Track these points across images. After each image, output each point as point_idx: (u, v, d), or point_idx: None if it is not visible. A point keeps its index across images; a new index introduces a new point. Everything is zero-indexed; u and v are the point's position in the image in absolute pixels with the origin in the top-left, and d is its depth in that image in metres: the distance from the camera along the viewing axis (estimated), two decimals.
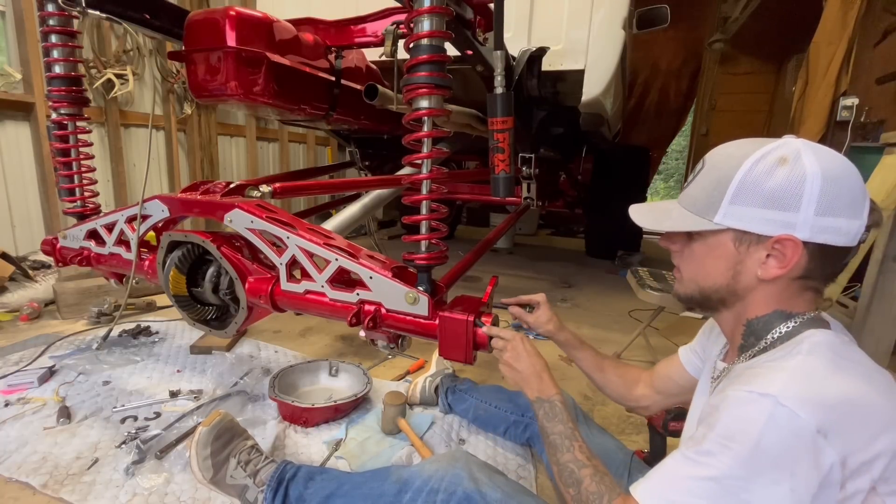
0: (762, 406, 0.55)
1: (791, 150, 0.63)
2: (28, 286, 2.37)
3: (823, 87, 2.38)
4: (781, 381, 0.57)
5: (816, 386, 0.57)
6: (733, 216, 0.65)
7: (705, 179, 0.69)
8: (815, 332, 0.64)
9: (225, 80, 1.37)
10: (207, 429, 1.11)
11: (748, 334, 0.71)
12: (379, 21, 1.71)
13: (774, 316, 0.68)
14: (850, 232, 0.61)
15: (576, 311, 2.82)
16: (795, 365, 0.60)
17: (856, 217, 0.61)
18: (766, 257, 0.64)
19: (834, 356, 0.60)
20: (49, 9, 1.39)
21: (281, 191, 1.28)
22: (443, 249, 1.04)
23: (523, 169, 2.49)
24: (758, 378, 0.59)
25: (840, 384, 0.57)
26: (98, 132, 3.00)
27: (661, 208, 0.77)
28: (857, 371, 0.60)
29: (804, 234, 0.61)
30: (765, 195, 0.62)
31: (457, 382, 1.55)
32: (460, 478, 0.87)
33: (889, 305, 1.73)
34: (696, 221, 0.68)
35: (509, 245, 4.82)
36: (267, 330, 2.22)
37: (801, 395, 0.55)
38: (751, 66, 5.55)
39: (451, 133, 1.17)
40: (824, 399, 0.55)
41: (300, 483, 1.03)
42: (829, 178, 0.60)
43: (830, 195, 0.60)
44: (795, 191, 0.60)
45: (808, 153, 0.62)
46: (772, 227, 0.62)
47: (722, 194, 0.65)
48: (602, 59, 2.10)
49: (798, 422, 0.53)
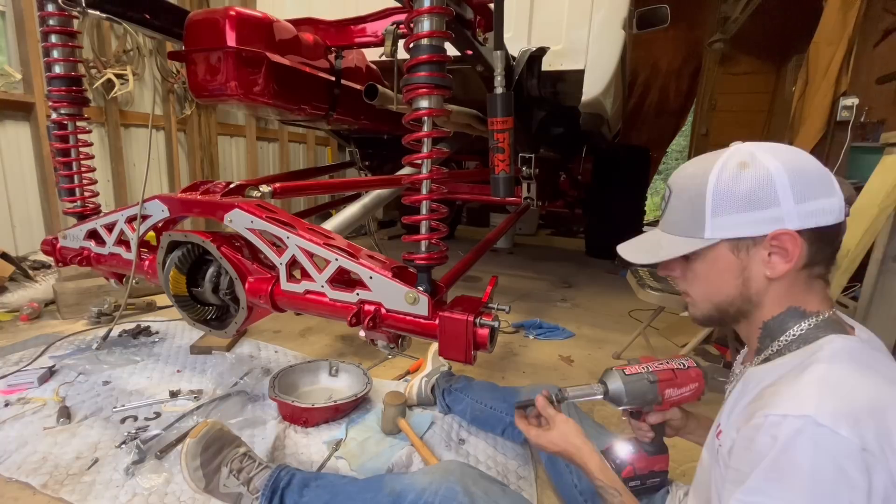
0: (801, 430, 0.53)
1: (745, 153, 0.65)
2: (28, 286, 2.37)
3: (823, 87, 2.38)
4: (813, 398, 0.55)
5: (848, 397, 0.55)
6: (722, 227, 0.65)
7: (679, 203, 0.70)
8: (835, 337, 0.63)
9: (225, 80, 1.37)
10: (195, 440, 1.10)
11: (764, 336, 0.69)
12: (379, 21, 1.71)
13: (788, 314, 0.67)
14: (834, 208, 0.62)
15: (576, 311, 2.82)
16: (820, 376, 0.57)
17: (832, 194, 0.62)
18: (769, 255, 0.64)
19: (857, 362, 0.59)
20: (49, 9, 1.39)
21: (281, 191, 1.28)
22: (443, 249, 1.04)
23: (523, 169, 2.49)
24: (781, 398, 0.57)
25: (869, 392, 0.56)
26: (98, 132, 3.00)
27: (648, 240, 0.77)
28: (881, 378, 0.58)
29: (794, 223, 0.62)
30: (742, 199, 0.63)
31: (452, 382, 1.55)
32: (455, 492, 0.86)
33: (889, 305, 1.73)
34: (689, 243, 0.68)
35: (509, 245, 4.83)
36: (267, 330, 2.22)
37: (836, 412, 0.53)
38: (751, 66, 5.55)
39: (451, 133, 1.17)
40: (859, 411, 0.53)
41: (295, 491, 1.02)
42: (792, 168, 0.62)
43: (801, 182, 0.62)
44: (768, 187, 0.62)
45: (762, 152, 0.64)
46: (763, 227, 0.63)
47: (702, 211, 0.66)
48: (602, 59, 2.10)
49: (841, 441, 0.51)
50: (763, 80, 5.51)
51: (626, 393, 0.87)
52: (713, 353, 2.14)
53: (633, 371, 0.89)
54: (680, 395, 0.89)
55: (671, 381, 0.88)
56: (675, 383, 0.89)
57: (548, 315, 2.67)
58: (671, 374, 0.89)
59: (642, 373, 0.88)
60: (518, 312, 2.67)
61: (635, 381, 0.87)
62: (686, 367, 0.91)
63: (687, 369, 0.90)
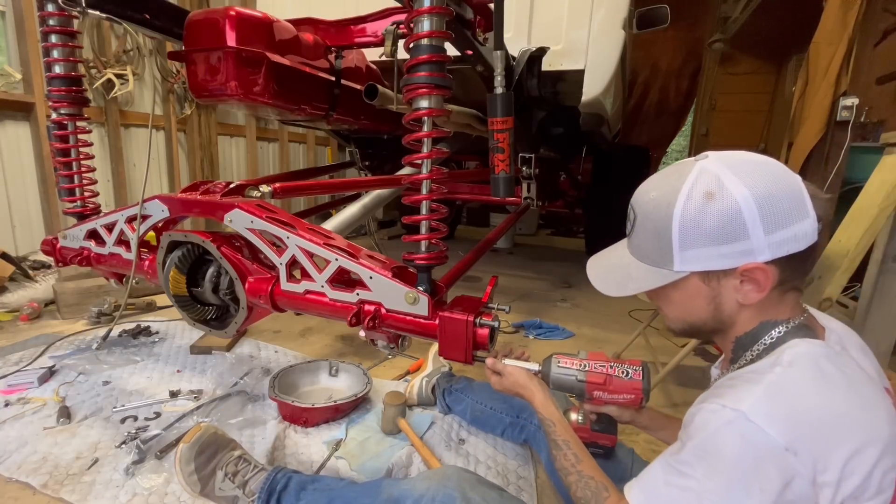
0: (731, 421, 0.57)
1: (711, 178, 0.62)
2: (28, 286, 2.37)
3: (823, 87, 2.38)
4: (754, 396, 0.58)
5: (790, 401, 0.57)
6: (690, 261, 0.64)
7: (643, 230, 0.69)
8: (800, 342, 0.63)
9: (225, 80, 1.37)
10: (188, 445, 1.10)
11: (737, 348, 0.71)
12: (379, 21, 1.71)
13: (760, 328, 0.68)
14: (807, 233, 0.60)
15: (576, 311, 2.82)
16: (772, 379, 0.59)
17: (804, 217, 0.60)
18: (741, 283, 0.64)
19: (815, 368, 0.59)
20: (49, 9, 1.39)
21: (281, 191, 1.28)
22: (443, 249, 1.04)
23: (523, 169, 2.49)
24: (732, 392, 0.60)
25: (815, 399, 0.57)
26: (98, 132, 3.00)
27: (617, 266, 0.76)
28: (839, 384, 0.59)
29: (765, 255, 0.60)
30: (710, 234, 0.61)
31: (452, 382, 1.55)
32: (452, 498, 0.86)
33: (889, 305, 1.73)
34: (659, 275, 0.68)
35: (509, 245, 4.82)
36: (267, 330, 2.22)
37: (771, 412, 0.56)
38: (751, 66, 5.55)
39: (451, 133, 1.17)
40: (796, 415, 0.56)
41: (292, 494, 1.02)
42: (761, 196, 0.59)
43: (770, 211, 0.59)
44: (736, 221, 0.60)
45: (729, 176, 0.61)
46: (732, 260, 0.62)
47: (669, 244, 0.64)
48: (602, 59, 2.10)
49: (766, 439, 0.55)
50: (763, 80, 5.52)
51: (552, 381, 0.96)
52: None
53: (567, 365, 0.95)
54: (611, 399, 0.93)
55: (601, 385, 0.93)
56: (606, 388, 0.92)
57: (548, 315, 2.67)
58: (604, 378, 0.92)
59: (573, 370, 0.94)
60: (518, 312, 2.67)
61: (563, 374, 0.95)
62: (629, 376, 0.92)
63: (628, 379, 0.92)
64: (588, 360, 0.96)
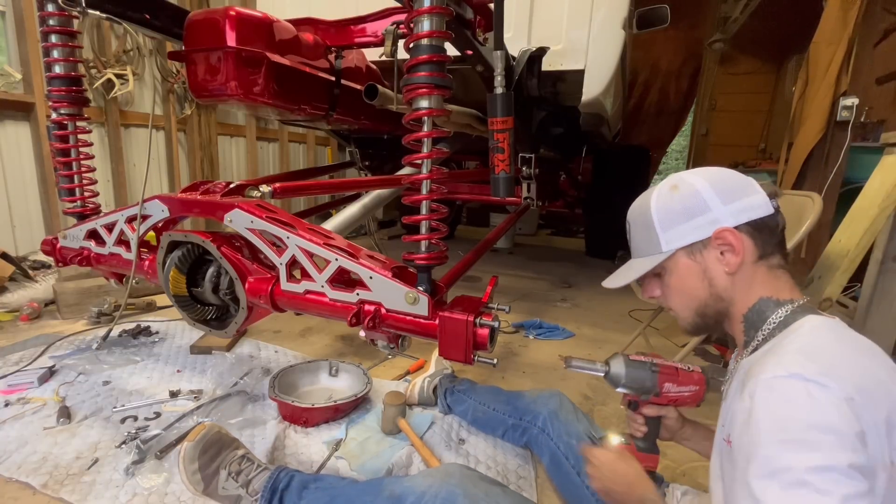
0: (794, 386, 0.57)
1: (675, 178, 0.79)
2: (28, 286, 2.37)
3: (823, 87, 2.38)
4: (798, 360, 0.60)
5: (829, 360, 0.60)
6: (673, 239, 0.77)
7: (637, 231, 0.83)
8: (813, 317, 0.69)
9: (225, 80, 1.37)
10: (192, 444, 1.10)
11: (748, 328, 0.75)
12: (379, 21, 1.71)
13: (762, 303, 0.73)
14: (761, 203, 0.73)
15: (576, 311, 2.82)
16: (802, 344, 0.63)
17: (754, 192, 0.74)
18: (721, 254, 0.74)
19: (835, 334, 0.65)
20: (49, 9, 1.39)
21: (281, 191, 1.28)
22: (443, 249, 1.04)
23: (523, 169, 2.49)
24: (772, 363, 0.61)
25: (847, 356, 0.61)
26: (98, 132, 3.00)
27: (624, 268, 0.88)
28: (858, 347, 0.64)
29: (730, 221, 0.73)
30: (680, 213, 0.76)
31: (455, 383, 1.55)
32: (455, 495, 0.86)
33: (889, 305, 1.73)
34: (652, 259, 0.80)
35: (509, 245, 4.82)
36: (267, 330, 2.22)
37: (821, 369, 0.57)
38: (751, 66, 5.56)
39: (451, 133, 1.17)
40: (839, 371, 0.58)
41: (294, 493, 1.02)
42: (712, 180, 0.75)
43: (722, 188, 0.74)
44: (697, 198, 0.75)
45: (688, 174, 0.78)
46: (704, 230, 0.74)
47: (654, 231, 0.78)
48: (602, 59, 2.10)
49: (831, 392, 0.55)
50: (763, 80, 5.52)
51: (626, 375, 0.91)
52: (713, 353, 2.14)
53: (638, 358, 0.93)
54: (678, 393, 0.91)
55: (672, 376, 0.91)
56: (676, 380, 0.91)
57: (548, 315, 2.67)
58: (674, 370, 0.92)
59: (645, 361, 0.92)
60: (518, 312, 2.67)
61: (637, 366, 0.91)
62: (690, 369, 0.94)
63: (690, 371, 0.93)
64: (650, 356, 0.94)
